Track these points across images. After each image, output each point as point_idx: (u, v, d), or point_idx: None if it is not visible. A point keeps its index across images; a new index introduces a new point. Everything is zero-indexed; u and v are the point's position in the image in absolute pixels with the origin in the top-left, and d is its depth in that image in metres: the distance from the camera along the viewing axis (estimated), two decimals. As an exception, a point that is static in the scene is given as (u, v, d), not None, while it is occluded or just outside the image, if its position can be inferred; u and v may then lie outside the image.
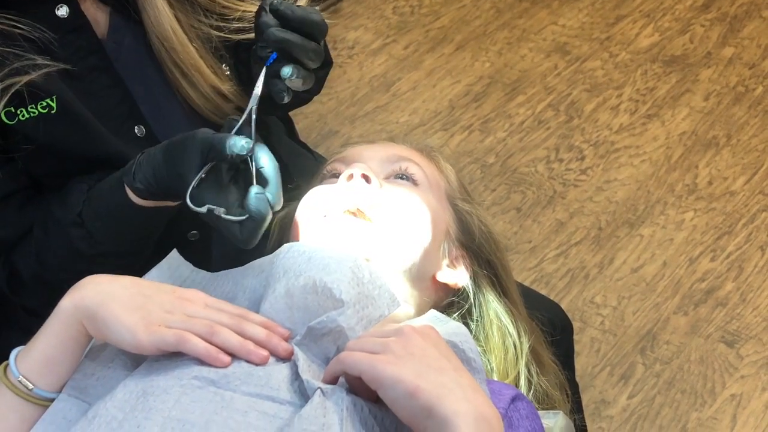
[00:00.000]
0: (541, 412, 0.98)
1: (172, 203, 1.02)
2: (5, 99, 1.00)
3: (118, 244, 1.05)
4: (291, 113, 1.36)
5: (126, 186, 1.01)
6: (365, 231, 0.99)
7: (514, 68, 2.63)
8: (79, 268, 0.98)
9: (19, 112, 1.02)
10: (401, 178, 1.06)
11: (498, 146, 2.40)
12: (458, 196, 1.09)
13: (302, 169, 1.22)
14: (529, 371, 1.03)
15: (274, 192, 0.93)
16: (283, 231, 1.09)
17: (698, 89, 2.55)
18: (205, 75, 1.09)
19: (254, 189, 0.92)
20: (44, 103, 1.03)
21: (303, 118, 2.47)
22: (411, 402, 0.78)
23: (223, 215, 0.92)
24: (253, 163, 0.93)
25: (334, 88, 2.52)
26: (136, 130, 1.11)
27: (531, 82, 2.58)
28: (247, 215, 0.92)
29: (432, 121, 2.45)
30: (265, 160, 0.93)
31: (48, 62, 1.02)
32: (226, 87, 1.10)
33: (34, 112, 1.03)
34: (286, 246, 0.96)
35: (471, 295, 1.05)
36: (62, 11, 1.05)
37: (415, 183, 1.06)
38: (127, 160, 1.03)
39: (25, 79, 1.00)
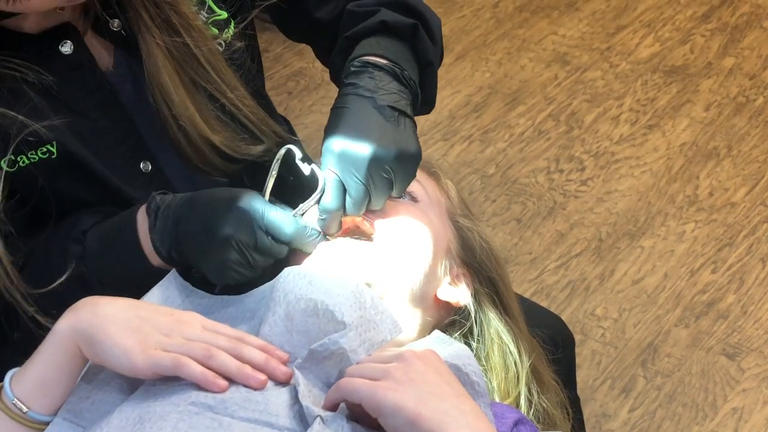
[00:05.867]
0: (543, 433, 0.97)
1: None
2: (10, 151, 0.99)
3: (100, 275, 1.03)
4: (292, 122, 1.35)
5: (140, 233, 1.00)
6: (365, 251, 0.98)
7: (514, 78, 2.62)
8: (60, 290, 0.95)
9: (19, 158, 1.01)
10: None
11: (498, 157, 2.39)
12: (459, 213, 1.08)
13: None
14: (529, 390, 1.02)
15: None
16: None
17: (699, 100, 2.54)
18: (199, 127, 1.07)
19: None
20: (44, 149, 1.02)
21: (303, 128, 2.46)
22: (412, 430, 0.77)
23: None
24: None
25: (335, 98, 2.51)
26: (141, 167, 1.10)
27: (531, 92, 2.57)
28: None
29: (432, 132, 2.45)
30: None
31: (51, 121, 1.00)
32: (218, 138, 1.08)
33: (34, 158, 1.02)
34: (286, 270, 0.95)
35: (472, 314, 1.04)
36: (66, 48, 1.03)
37: (414, 200, 1.05)
38: (131, 200, 1.03)
39: (27, 129, 0.99)
